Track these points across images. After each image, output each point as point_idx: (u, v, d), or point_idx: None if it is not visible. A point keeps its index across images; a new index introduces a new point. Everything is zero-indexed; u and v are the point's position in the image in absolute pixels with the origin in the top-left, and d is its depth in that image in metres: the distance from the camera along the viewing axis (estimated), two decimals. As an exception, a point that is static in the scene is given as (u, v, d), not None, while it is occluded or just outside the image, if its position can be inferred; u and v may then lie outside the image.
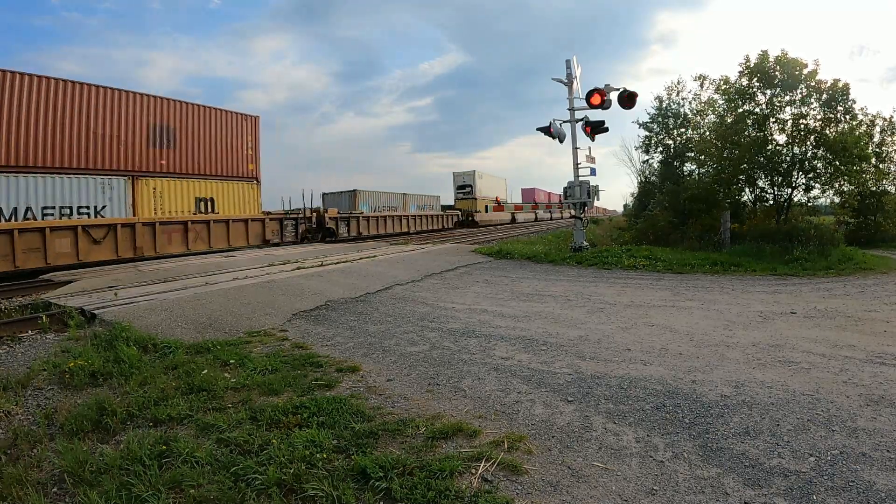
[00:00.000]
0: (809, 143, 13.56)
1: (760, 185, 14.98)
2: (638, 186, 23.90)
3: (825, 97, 13.30)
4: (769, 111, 13.87)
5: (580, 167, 13.69)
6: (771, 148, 13.84)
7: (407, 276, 10.12)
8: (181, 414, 3.41)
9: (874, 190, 17.38)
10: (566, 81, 13.52)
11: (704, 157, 15.86)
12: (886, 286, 8.50)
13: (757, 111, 14.04)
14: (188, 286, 8.08)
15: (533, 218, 49.53)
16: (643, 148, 20.53)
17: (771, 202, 15.01)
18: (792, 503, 2.38)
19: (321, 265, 10.83)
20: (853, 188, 14.85)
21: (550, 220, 53.60)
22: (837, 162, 13.14)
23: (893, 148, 18.09)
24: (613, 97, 12.87)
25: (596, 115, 13.31)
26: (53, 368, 4.23)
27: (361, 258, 12.28)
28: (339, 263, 11.16)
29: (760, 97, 14.08)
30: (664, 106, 19.56)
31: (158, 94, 15.40)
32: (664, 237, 15.86)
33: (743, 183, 15.06)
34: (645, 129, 20.07)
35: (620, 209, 56.34)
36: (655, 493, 2.50)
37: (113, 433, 3.23)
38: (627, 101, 12.80)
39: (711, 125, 16.66)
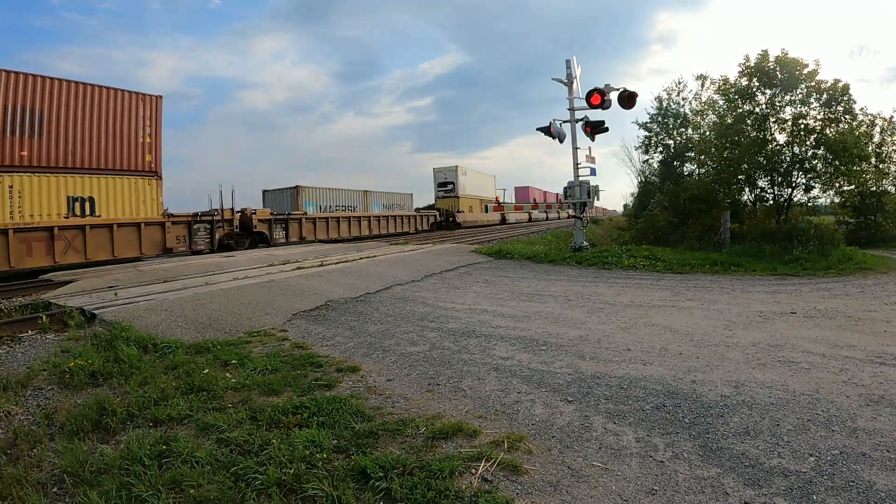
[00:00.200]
0: (809, 142, 13.57)
1: (760, 185, 15.00)
2: (638, 186, 24.01)
3: (825, 97, 13.30)
4: (769, 111, 13.88)
5: (580, 167, 13.70)
6: (771, 148, 13.85)
7: (407, 275, 10.13)
8: (181, 414, 3.41)
9: (874, 190, 17.42)
10: (566, 81, 13.53)
11: (704, 157, 15.88)
12: (886, 286, 8.50)
13: (757, 111, 14.05)
14: (188, 286, 8.09)
15: (526, 218, 47.15)
16: (643, 148, 20.62)
17: (771, 202, 15.01)
18: (792, 503, 2.37)
19: (321, 265, 10.85)
20: (853, 188, 14.89)
21: (546, 220, 52.29)
22: (837, 162, 13.14)
23: (893, 148, 18.14)
24: (613, 97, 12.90)
25: (596, 115, 13.34)
26: (53, 368, 4.23)
27: (361, 258, 12.30)
28: (338, 263, 11.18)
29: (760, 97, 14.09)
30: (664, 106, 19.62)
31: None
32: (664, 237, 15.88)
33: (743, 183, 15.06)
34: (645, 129, 20.15)
35: (620, 209, 56.39)
36: (655, 493, 2.50)
37: (113, 433, 3.23)
38: (627, 101, 12.82)
39: (711, 125, 16.68)
